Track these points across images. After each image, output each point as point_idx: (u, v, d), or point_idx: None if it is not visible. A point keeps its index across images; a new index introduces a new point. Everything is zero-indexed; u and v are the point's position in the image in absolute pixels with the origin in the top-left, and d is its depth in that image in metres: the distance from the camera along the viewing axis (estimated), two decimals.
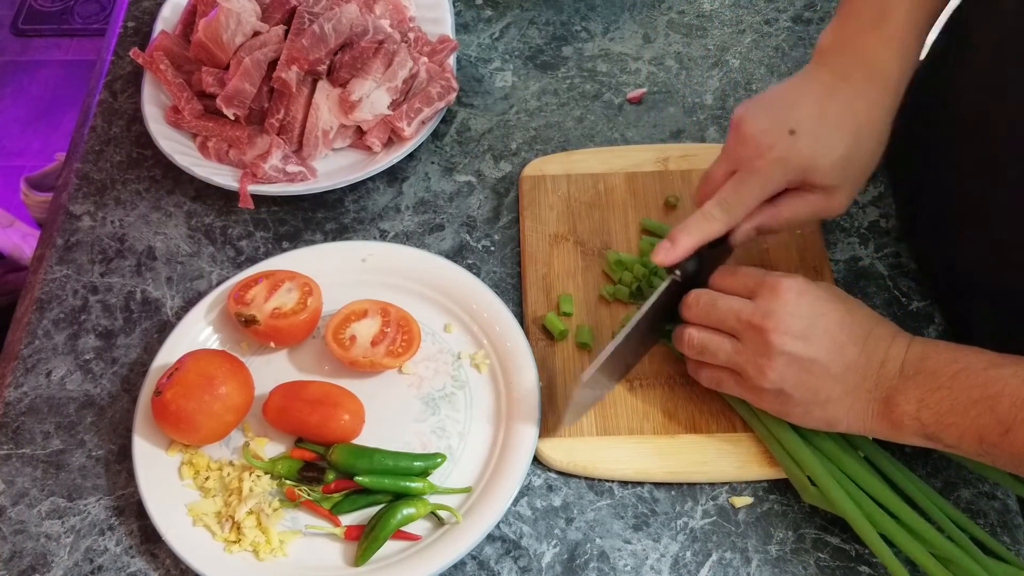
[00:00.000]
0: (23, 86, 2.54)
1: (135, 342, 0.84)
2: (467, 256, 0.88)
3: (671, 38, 1.03)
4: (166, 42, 0.96)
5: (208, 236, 0.90)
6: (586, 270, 0.85)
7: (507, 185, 0.93)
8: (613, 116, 0.97)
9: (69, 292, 0.87)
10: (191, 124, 0.93)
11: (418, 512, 0.72)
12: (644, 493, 0.75)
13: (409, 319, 0.80)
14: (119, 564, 0.73)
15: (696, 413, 0.77)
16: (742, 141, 0.70)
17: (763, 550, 0.72)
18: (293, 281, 0.81)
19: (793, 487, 0.73)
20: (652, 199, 0.89)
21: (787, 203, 0.72)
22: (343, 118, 0.92)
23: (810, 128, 0.69)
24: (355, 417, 0.75)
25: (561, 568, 0.72)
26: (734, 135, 0.72)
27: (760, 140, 0.69)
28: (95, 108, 1.00)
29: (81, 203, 0.93)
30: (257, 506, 0.72)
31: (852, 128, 0.70)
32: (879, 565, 0.71)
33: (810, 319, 0.67)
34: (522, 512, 0.74)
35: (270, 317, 0.78)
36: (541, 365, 0.79)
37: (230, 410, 0.74)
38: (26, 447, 0.79)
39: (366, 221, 0.91)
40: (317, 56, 0.90)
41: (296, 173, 0.90)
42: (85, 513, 0.75)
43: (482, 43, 1.04)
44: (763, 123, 0.70)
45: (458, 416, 0.78)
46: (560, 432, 0.76)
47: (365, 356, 0.78)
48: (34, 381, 0.82)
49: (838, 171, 0.70)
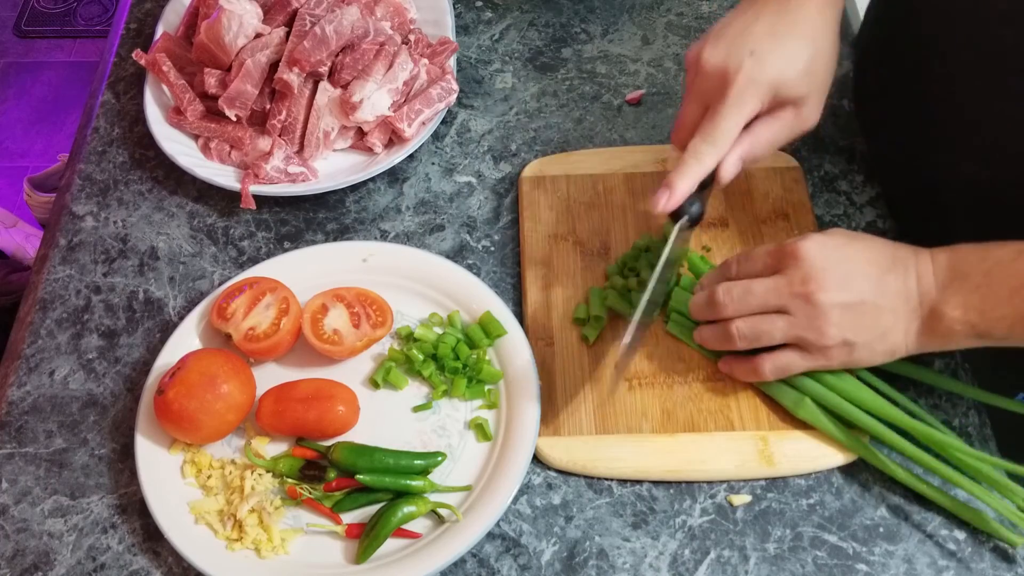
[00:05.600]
0: (26, 87, 2.55)
1: (137, 341, 0.84)
2: (467, 256, 0.88)
3: (670, 40, 1.03)
4: (168, 44, 0.96)
5: (210, 236, 0.91)
6: (585, 270, 0.85)
7: (507, 186, 0.93)
8: (612, 117, 0.98)
9: (72, 292, 0.88)
10: (193, 125, 0.93)
11: (419, 510, 0.72)
12: (643, 491, 0.75)
13: (365, 292, 0.81)
14: (121, 562, 0.73)
15: (695, 412, 0.77)
16: (706, 76, 0.72)
17: (761, 548, 0.72)
18: (274, 294, 0.80)
19: (791, 486, 0.74)
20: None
21: (763, 126, 0.73)
22: (344, 119, 0.92)
23: (769, 46, 0.70)
24: (350, 407, 0.76)
25: (560, 566, 0.72)
26: (695, 73, 0.73)
27: (725, 68, 0.70)
28: (98, 109, 1.00)
29: (84, 204, 0.94)
30: (259, 504, 0.73)
31: (808, 36, 0.72)
32: (876, 563, 0.71)
33: (841, 266, 0.70)
34: (522, 510, 0.75)
35: (244, 339, 0.79)
36: (541, 365, 0.79)
37: (232, 409, 0.75)
38: (29, 446, 0.79)
39: (367, 221, 0.91)
40: (318, 58, 0.91)
41: (297, 174, 0.91)
42: (88, 511, 0.76)
43: (482, 45, 1.04)
44: (721, 53, 0.71)
45: (458, 415, 0.78)
46: (560, 431, 0.76)
47: (360, 340, 0.79)
48: (37, 380, 0.83)
49: (805, 79, 0.72)
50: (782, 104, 0.72)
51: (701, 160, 0.71)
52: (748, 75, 0.70)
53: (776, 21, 0.72)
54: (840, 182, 0.91)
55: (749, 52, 0.70)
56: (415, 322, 0.83)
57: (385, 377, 0.79)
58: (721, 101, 0.71)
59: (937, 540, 0.72)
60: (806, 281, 0.69)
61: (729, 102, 0.70)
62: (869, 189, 0.91)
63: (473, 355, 0.79)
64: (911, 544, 0.72)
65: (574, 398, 0.78)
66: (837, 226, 0.88)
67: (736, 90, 0.70)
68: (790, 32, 0.71)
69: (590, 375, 0.79)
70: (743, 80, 0.70)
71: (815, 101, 0.73)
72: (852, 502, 0.74)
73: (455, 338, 0.80)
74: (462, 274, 0.84)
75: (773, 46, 0.70)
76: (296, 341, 0.81)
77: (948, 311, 0.67)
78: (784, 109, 0.73)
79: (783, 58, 0.71)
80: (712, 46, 0.72)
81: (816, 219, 0.87)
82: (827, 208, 0.90)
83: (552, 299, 0.84)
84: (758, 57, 0.70)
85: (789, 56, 0.71)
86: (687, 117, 0.75)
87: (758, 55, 0.70)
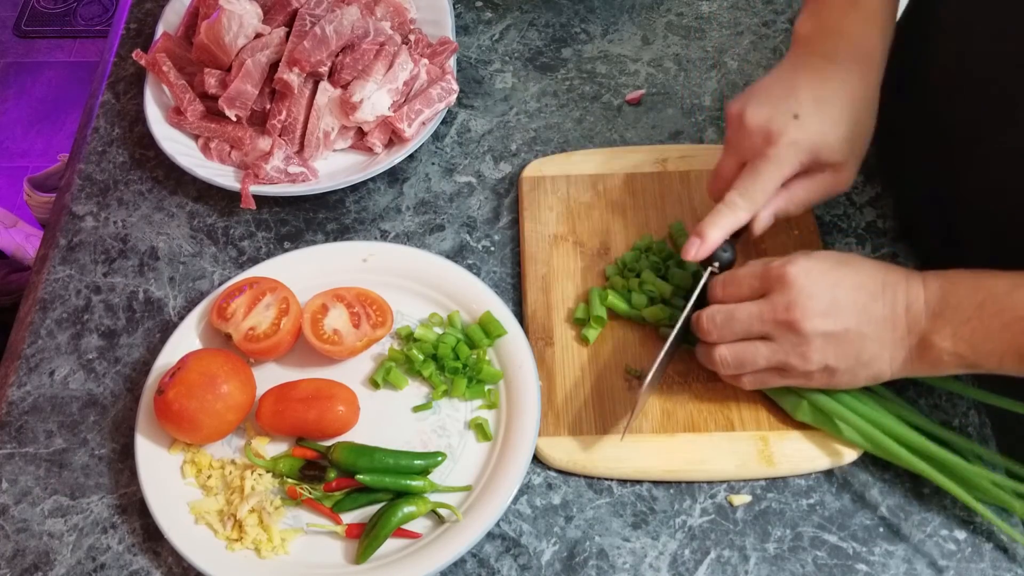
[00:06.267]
0: (26, 87, 2.55)
1: (137, 341, 0.85)
2: (467, 256, 0.88)
3: (670, 40, 1.03)
4: (168, 44, 0.96)
5: (210, 236, 0.91)
6: (585, 270, 0.85)
7: (507, 186, 0.93)
8: (612, 117, 0.98)
9: (72, 292, 0.88)
10: (193, 125, 0.93)
11: (419, 510, 0.72)
12: (643, 491, 0.75)
13: (365, 292, 0.81)
14: (121, 562, 0.73)
15: (695, 412, 0.77)
16: (748, 133, 0.73)
17: (761, 548, 0.72)
18: (274, 294, 0.80)
19: (791, 486, 0.74)
20: (651, 200, 0.89)
21: (799, 185, 0.75)
22: (344, 119, 0.92)
23: (812, 110, 0.72)
24: (350, 406, 0.76)
25: (560, 566, 0.72)
26: (737, 128, 0.74)
27: (768, 128, 0.72)
28: (98, 109, 1.00)
29: (84, 204, 0.94)
30: (259, 504, 0.73)
31: (849, 103, 0.73)
32: (876, 563, 0.71)
33: (828, 293, 0.69)
34: (522, 510, 0.75)
35: (244, 339, 0.79)
36: (541, 365, 0.80)
37: (232, 409, 0.75)
38: (29, 446, 0.79)
39: (367, 221, 0.91)
40: (318, 58, 0.91)
41: (297, 174, 0.91)
42: (88, 512, 0.76)
43: (482, 45, 1.04)
44: (765, 112, 0.72)
45: (458, 415, 0.78)
46: (560, 431, 0.76)
47: (360, 340, 0.79)
48: (37, 380, 0.83)
49: (846, 146, 0.73)
50: (820, 167, 0.74)
51: (736, 213, 0.73)
52: (791, 138, 0.71)
53: (822, 84, 0.73)
54: None
55: (793, 115, 0.71)
56: (415, 322, 0.83)
57: (385, 377, 0.79)
58: (762, 160, 0.72)
59: (937, 540, 0.72)
60: (790, 308, 0.69)
61: (770, 161, 0.72)
62: (869, 189, 0.91)
63: (473, 355, 0.79)
64: (911, 544, 0.72)
65: (574, 398, 0.78)
66: (837, 226, 0.88)
67: (777, 151, 0.71)
68: (834, 98, 0.72)
69: (590, 375, 0.79)
70: (785, 142, 0.71)
71: (852, 165, 0.75)
72: (852, 502, 0.74)
73: (455, 338, 0.80)
74: (462, 274, 0.84)
75: (817, 110, 0.72)
76: (296, 341, 0.81)
77: (937, 341, 0.67)
78: (822, 171, 0.74)
79: (826, 123, 0.72)
80: (757, 105, 0.73)
81: (816, 219, 0.87)
82: (827, 208, 0.90)
83: (552, 299, 0.84)
84: (802, 121, 0.71)
85: (832, 122, 0.72)
86: (724, 170, 0.76)
87: (802, 119, 0.71)
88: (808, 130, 0.71)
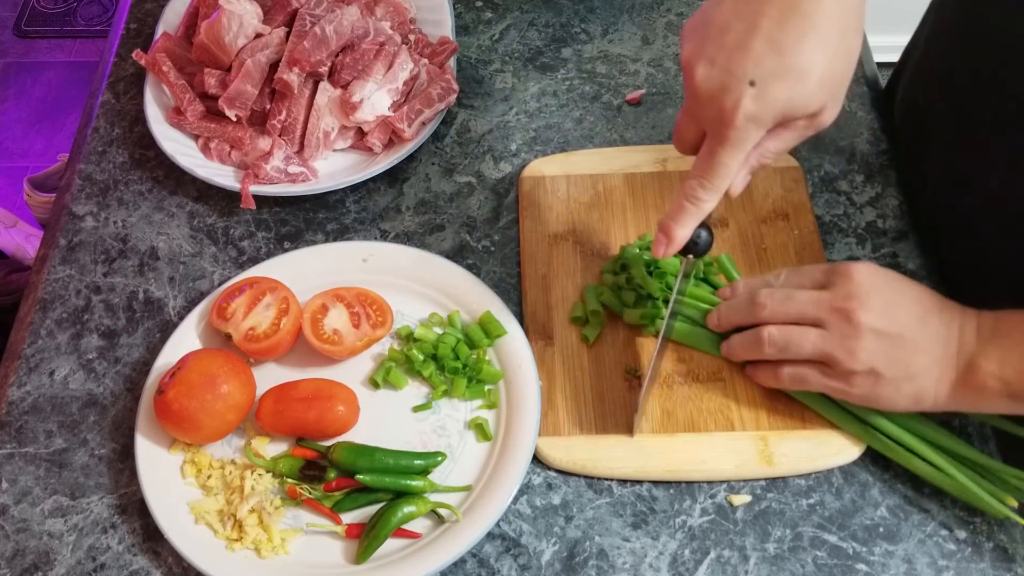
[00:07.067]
0: (26, 87, 2.55)
1: (137, 341, 0.85)
2: (467, 256, 0.88)
3: (670, 40, 1.03)
4: (168, 44, 0.97)
5: (210, 236, 0.91)
6: (585, 270, 0.85)
7: (507, 186, 0.93)
8: (612, 117, 0.98)
9: (72, 292, 0.88)
10: (193, 125, 0.93)
11: (419, 510, 0.72)
12: (643, 491, 0.75)
13: (365, 292, 0.81)
14: (121, 562, 0.73)
15: (695, 412, 0.77)
16: (700, 101, 0.61)
17: (761, 548, 0.72)
18: (274, 294, 0.80)
19: (791, 486, 0.75)
20: (651, 199, 0.89)
21: (772, 141, 0.64)
22: (344, 119, 0.92)
23: (772, 67, 0.58)
24: (350, 406, 0.76)
25: (560, 566, 0.72)
26: (689, 86, 0.63)
27: (721, 102, 0.60)
28: (98, 109, 1.01)
29: (84, 204, 0.94)
30: (259, 504, 0.73)
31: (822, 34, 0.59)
32: (876, 563, 0.71)
33: (889, 295, 0.69)
34: (522, 510, 0.75)
35: (244, 339, 0.79)
36: (541, 365, 0.80)
37: (232, 409, 0.75)
38: (29, 446, 0.79)
39: (367, 221, 0.91)
40: (318, 58, 0.91)
41: (297, 174, 0.91)
42: (87, 511, 0.76)
43: (482, 45, 1.04)
44: (717, 78, 0.60)
45: (458, 415, 0.78)
46: (560, 431, 0.76)
47: (360, 340, 0.79)
48: (37, 380, 0.83)
49: (819, 93, 0.60)
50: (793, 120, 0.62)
51: (699, 205, 0.65)
52: (748, 114, 0.59)
53: (783, 21, 0.58)
54: (840, 182, 0.91)
55: (749, 81, 0.59)
56: (415, 322, 0.83)
57: (385, 377, 0.79)
58: (718, 143, 0.62)
59: (937, 540, 0.72)
60: (850, 298, 0.68)
61: (727, 144, 0.61)
62: (869, 189, 0.91)
63: (473, 355, 0.79)
64: (911, 544, 0.72)
65: (574, 398, 0.78)
66: (837, 226, 0.88)
67: (735, 132, 0.60)
68: (800, 36, 0.58)
69: (590, 375, 0.79)
70: (742, 120, 0.60)
71: (832, 107, 0.62)
72: (852, 502, 0.74)
73: (455, 338, 0.80)
74: (462, 274, 0.84)
75: (777, 67, 0.58)
76: (296, 341, 0.81)
77: (984, 363, 0.66)
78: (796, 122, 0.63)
79: (790, 79, 0.59)
80: (708, 63, 0.60)
81: (816, 219, 0.87)
82: (827, 208, 0.90)
83: (552, 299, 0.84)
84: (760, 88, 0.59)
85: (798, 73, 0.59)
86: (684, 133, 0.66)
87: (760, 85, 0.59)
88: (768, 98, 0.59)
